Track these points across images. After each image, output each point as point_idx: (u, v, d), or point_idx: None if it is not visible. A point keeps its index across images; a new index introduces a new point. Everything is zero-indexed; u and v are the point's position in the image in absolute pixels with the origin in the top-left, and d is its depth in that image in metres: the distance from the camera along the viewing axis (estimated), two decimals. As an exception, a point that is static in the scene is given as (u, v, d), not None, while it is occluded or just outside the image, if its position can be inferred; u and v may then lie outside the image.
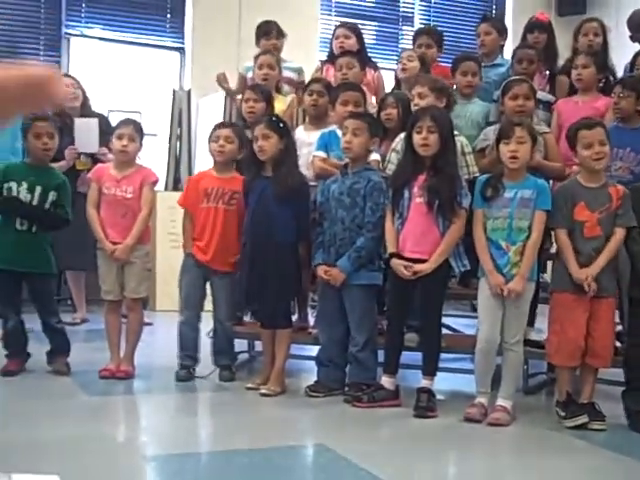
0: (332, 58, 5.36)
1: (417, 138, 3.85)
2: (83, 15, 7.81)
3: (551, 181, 4.40)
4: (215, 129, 4.42)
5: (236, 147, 4.36)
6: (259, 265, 4.10)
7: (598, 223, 3.71)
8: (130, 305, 4.39)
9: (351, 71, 4.90)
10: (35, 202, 4.26)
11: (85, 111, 5.91)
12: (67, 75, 6.12)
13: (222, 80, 5.55)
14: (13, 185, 4.26)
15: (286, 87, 5.49)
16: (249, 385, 4.17)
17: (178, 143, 7.57)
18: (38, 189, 4.27)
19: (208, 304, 4.47)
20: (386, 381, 3.94)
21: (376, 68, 5.54)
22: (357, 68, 4.93)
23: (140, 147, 4.39)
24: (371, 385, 3.97)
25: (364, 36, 5.64)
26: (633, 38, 5.57)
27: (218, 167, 4.42)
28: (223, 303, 4.35)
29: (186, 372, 4.32)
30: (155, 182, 4.44)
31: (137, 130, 4.36)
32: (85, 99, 5.98)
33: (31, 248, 4.28)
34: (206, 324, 4.45)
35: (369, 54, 5.77)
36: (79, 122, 5.67)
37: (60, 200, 4.33)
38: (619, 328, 4.08)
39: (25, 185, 4.26)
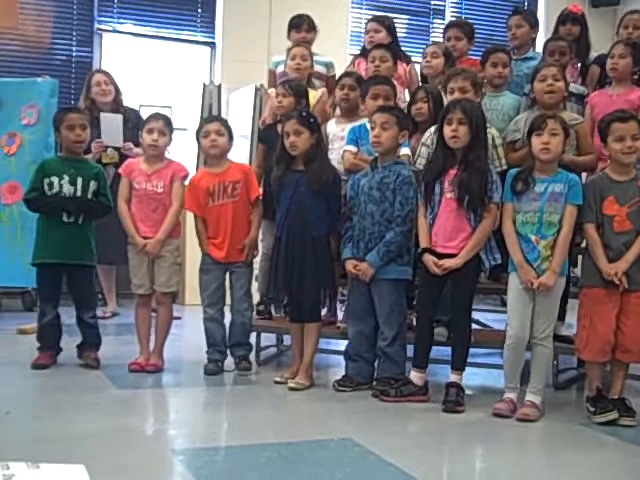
0: (364, 52, 5.35)
1: (447, 130, 3.83)
2: (115, 11, 7.86)
3: (584, 174, 4.37)
4: (204, 124, 4.45)
5: (227, 139, 4.38)
6: (296, 258, 4.11)
7: (627, 217, 3.68)
8: (160, 299, 4.43)
9: (384, 64, 4.87)
10: (79, 193, 4.33)
11: (116, 106, 5.96)
12: (100, 71, 6.17)
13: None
14: (55, 180, 4.33)
15: (316, 81, 5.49)
16: (277, 379, 4.19)
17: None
18: (79, 180, 4.35)
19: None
20: (415, 376, 3.93)
21: (409, 61, 5.51)
22: (390, 61, 4.90)
23: (170, 141, 4.42)
24: (399, 380, 3.96)
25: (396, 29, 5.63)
26: None
27: (212, 162, 4.45)
28: (243, 293, 4.38)
29: (214, 365, 4.35)
30: (186, 176, 4.46)
31: (167, 124, 4.39)
32: (117, 94, 6.03)
33: (78, 240, 4.36)
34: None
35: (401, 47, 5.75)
36: (105, 117, 5.76)
37: (101, 188, 4.41)
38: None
39: (67, 178, 4.33)
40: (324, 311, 4.53)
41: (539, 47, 5.59)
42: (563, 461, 3.19)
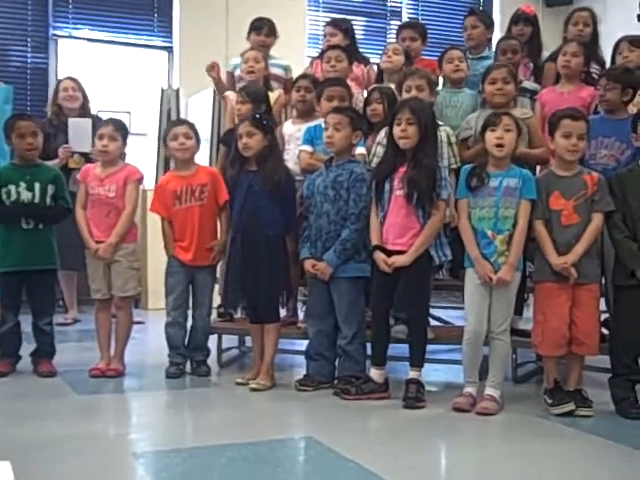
0: (322, 55, 5.37)
1: (397, 130, 3.87)
2: (70, 16, 7.81)
3: (538, 169, 4.43)
4: (171, 127, 4.46)
5: (195, 142, 4.40)
6: (250, 259, 4.11)
7: (574, 211, 3.73)
8: (118, 304, 4.40)
9: (339, 64, 4.91)
10: (37, 199, 4.30)
11: (83, 113, 5.93)
12: (69, 77, 6.12)
13: (210, 69, 5.53)
14: (12, 187, 4.29)
15: (274, 84, 5.50)
16: (239, 380, 4.18)
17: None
18: (37, 185, 4.31)
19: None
20: (374, 373, 3.95)
21: (367, 63, 5.55)
22: (345, 61, 4.94)
23: (124, 145, 4.40)
24: (360, 378, 3.98)
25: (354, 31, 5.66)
26: None
27: (180, 165, 4.45)
28: (206, 298, 4.38)
29: (176, 369, 4.34)
30: (139, 179, 4.43)
31: (118, 129, 4.37)
32: (85, 101, 6.02)
33: (39, 245, 4.32)
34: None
35: (359, 49, 5.79)
36: (73, 122, 5.72)
37: (59, 192, 4.38)
38: (606, 315, 4.09)
39: (23, 185, 4.30)
40: (284, 311, 4.55)
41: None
42: (523, 452, 3.22)
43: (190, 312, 4.45)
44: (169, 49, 8.22)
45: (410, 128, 3.83)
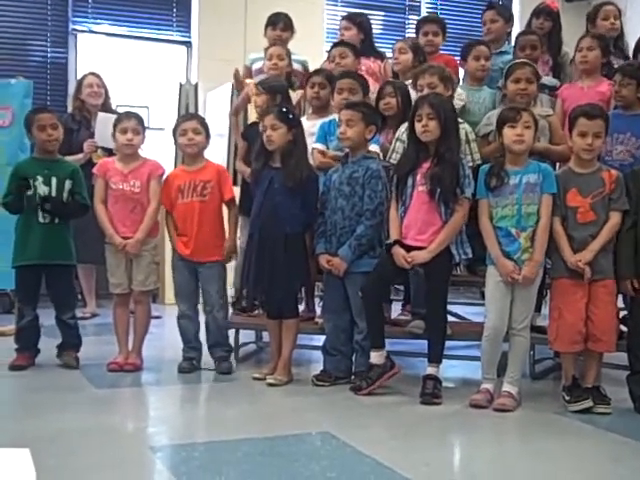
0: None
1: (418, 126, 3.86)
2: (90, 11, 7.84)
3: (557, 166, 4.41)
4: (180, 122, 4.44)
5: (204, 138, 4.38)
6: (268, 255, 4.11)
7: (591, 208, 3.70)
8: (138, 298, 4.42)
9: (344, 60, 4.92)
10: (54, 193, 4.32)
11: (105, 110, 5.96)
12: (93, 73, 6.16)
13: (237, 76, 5.56)
14: (29, 181, 4.30)
15: (296, 80, 5.49)
16: (256, 375, 4.20)
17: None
18: (54, 180, 4.34)
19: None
20: (374, 356, 3.93)
21: (383, 58, 5.53)
22: (350, 57, 4.95)
23: (144, 139, 4.41)
24: (364, 370, 3.99)
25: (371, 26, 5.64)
26: None
27: (188, 160, 4.45)
28: (214, 293, 4.36)
29: (188, 363, 4.34)
30: (162, 174, 4.45)
31: (140, 123, 4.39)
32: (107, 97, 6.06)
33: (55, 240, 4.35)
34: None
35: (376, 44, 5.77)
36: (101, 116, 5.75)
37: (76, 187, 4.40)
38: (625, 312, 4.06)
39: (40, 179, 4.32)
40: (302, 307, 4.55)
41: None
42: (539, 449, 3.21)
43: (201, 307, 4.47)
44: (188, 44, 8.24)
45: (431, 123, 3.81)
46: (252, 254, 4.18)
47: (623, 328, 3.96)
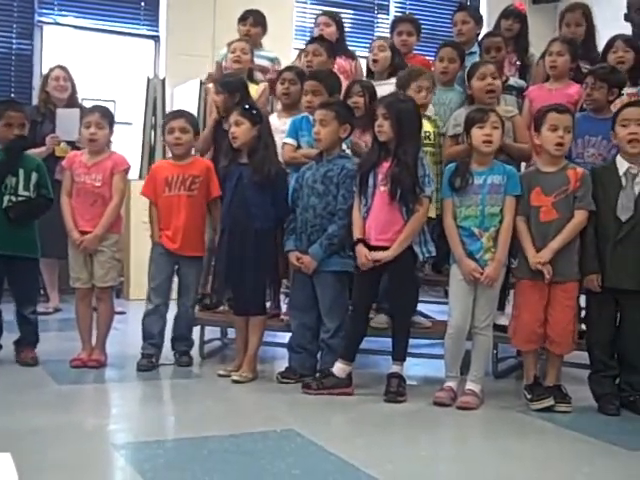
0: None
1: (375, 125, 3.88)
2: (56, 3, 7.72)
3: (523, 167, 4.46)
4: (169, 119, 4.43)
5: (192, 136, 4.38)
6: (237, 252, 4.11)
7: (553, 207, 3.73)
8: (99, 294, 4.37)
9: (317, 58, 4.92)
10: (21, 185, 4.26)
11: (72, 103, 5.91)
12: (59, 66, 6.09)
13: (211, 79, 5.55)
14: None
15: (259, 75, 5.50)
16: (221, 372, 4.19)
17: (152, 132, 7.54)
18: (21, 171, 4.28)
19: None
20: (339, 368, 3.92)
21: (354, 57, 5.55)
22: (324, 56, 4.94)
23: (110, 133, 4.38)
24: (321, 372, 4.00)
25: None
26: (627, 18, 5.59)
27: (175, 157, 4.44)
28: (191, 289, 4.37)
29: (147, 361, 4.31)
30: (126, 170, 4.41)
31: (105, 116, 4.34)
32: (73, 91, 6.00)
33: (20, 231, 4.28)
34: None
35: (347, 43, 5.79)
36: (61, 111, 5.73)
37: (41, 181, 4.34)
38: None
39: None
40: (268, 304, 4.54)
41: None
42: (502, 447, 3.26)
43: (172, 302, 4.44)
44: (156, 38, 8.17)
45: (385, 123, 3.84)
46: (223, 250, 4.18)
47: (584, 327, 4.01)
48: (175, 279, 4.47)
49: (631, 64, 4.68)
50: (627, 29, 5.57)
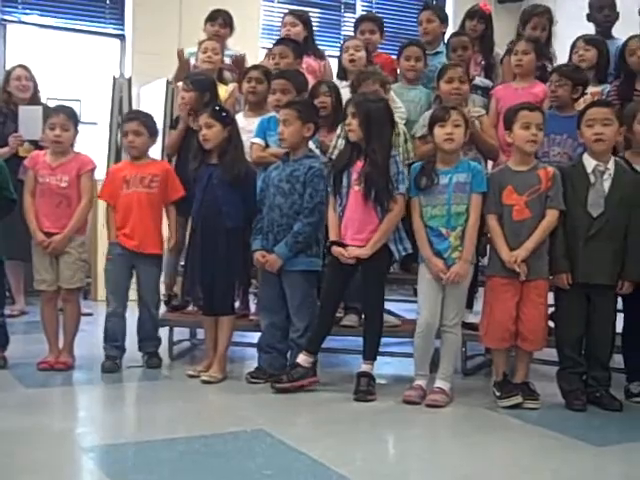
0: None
1: (346, 124, 3.89)
2: (20, 1, 7.65)
3: (490, 166, 4.49)
4: (123, 122, 4.41)
5: (146, 138, 4.34)
6: (209, 251, 4.10)
7: (526, 206, 3.76)
8: (65, 296, 4.32)
9: (284, 60, 4.92)
10: None
11: (34, 102, 5.83)
12: (21, 66, 6.01)
13: (180, 55, 5.50)
14: None
15: (228, 74, 5.48)
16: (190, 372, 4.17)
17: (119, 131, 7.47)
18: None
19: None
20: (303, 359, 3.93)
21: (324, 57, 5.55)
22: (290, 58, 4.94)
23: (75, 134, 4.33)
24: (289, 366, 4.01)
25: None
26: (590, 18, 5.64)
27: (133, 157, 4.42)
28: (152, 288, 4.35)
29: (112, 363, 4.28)
30: (92, 170, 4.37)
31: (70, 117, 4.30)
32: (35, 91, 5.92)
33: None
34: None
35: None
36: (23, 109, 5.63)
37: (3, 182, 4.27)
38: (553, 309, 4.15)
39: None
40: (237, 304, 4.53)
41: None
42: (471, 444, 3.28)
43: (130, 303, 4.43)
44: (121, 37, 8.11)
45: (354, 121, 3.85)
46: (195, 250, 4.17)
47: (552, 324, 4.05)
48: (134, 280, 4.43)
49: (593, 62, 4.74)
50: (591, 29, 5.64)
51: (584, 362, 3.82)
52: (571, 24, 5.65)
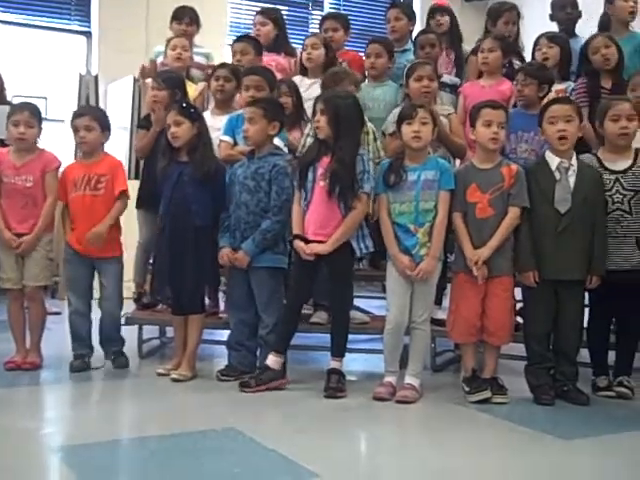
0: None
1: (314, 121, 3.91)
2: (-16, -2, 7.58)
3: (457, 163, 4.52)
4: (72, 118, 4.33)
5: (99, 133, 4.27)
6: (178, 250, 4.08)
7: (489, 204, 3.79)
8: (31, 294, 4.28)
9: (245, 57, 4.93)
10: None
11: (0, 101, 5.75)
12: None
13: (143, 74, 5.46)
14: None
15: (196, 72, 5.46)
16: (160, 371, 4.16)
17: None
18: None
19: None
20: (272, 360, 3.93)
21: (295, 55, 5.55)
22: (251, 54, 4.96)
23: (40, 131, 4.27)
24: (259, 368, 4.01)
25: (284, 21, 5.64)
26: (553, 17, 5.69)
27: (84, 154, 4.38)
28: (112, 288, 4.29)
29: (81, 362, 4.25)
30: (57, 168, 4.32)
31: (34, 114, 4.24)
32: (1, 88, 5.83)
33: None
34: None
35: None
36: None
37: None
38: (521, 305, 4.19)
39: None
40: (207, 301, 4.52)
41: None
42: (441, 439, 3.30)
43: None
44: (87, 34, 8.05)
45: (322, 119, 3.86)
46: (164, 248, 4.15)
47: (520, 320, 4.09)
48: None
49: (557, 60, 4.78)
50: (556, 28, 5.69)
51: (552, 357, 3.86)
52: (536, 23, 5.69)
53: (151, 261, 4.45)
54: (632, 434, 3.39)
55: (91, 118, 4.28)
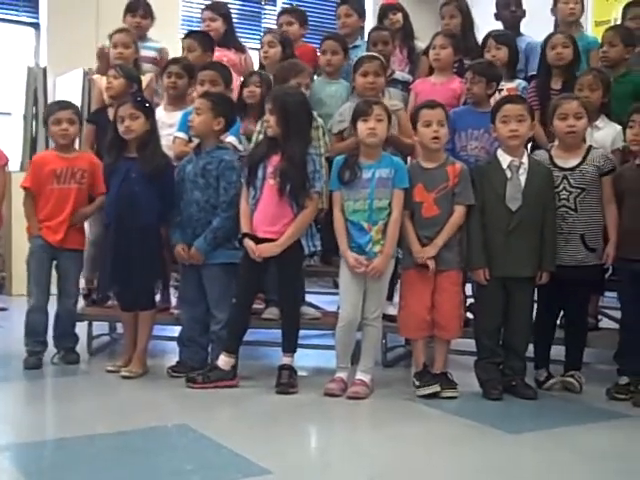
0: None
1: (264, 120, 3.91)
2: None
3: (409, 160, 4.54)
4: (55, 110, 4.31)
5: (78, 128, 4.32)
6: (124, 247, 4.04)
7: (435, 203, 3.82)
8: (-25, 290, 4.23)
9: (192, 54, 4.93)
10: None
11: None
12: None
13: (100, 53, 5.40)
14: None
15: (147, 66, 5.40)
16: (110, 368, 4.13)
17: (34, 122, 7.30)
18: None
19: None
20: (223, 360, 3.91)
21: (244, 51, 5.54)
22: (198, 51, 4.95)
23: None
24: (207, 365, 4.00)
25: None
26: (498, 16, 5.74)
27: (60, 148, 4.33)
28: (71, 284, 4.28)
29: (36, 359, 4.20)
30: (5, 164, 4.27)
31: None
32: None
33: None
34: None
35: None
36: None
37: None
38: (472, 300, 4.24)
39: None
40: (157, 297, 4.49)
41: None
42: (390, 434, 3.32)
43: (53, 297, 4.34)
44: (36, 25, 7.91)
45: (271, 118, 3.85)
46: (110, 246, 4.10)
47: (470, 315, 4.13)
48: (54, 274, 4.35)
49: (505, 60, 4.80)
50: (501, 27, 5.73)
51: (502, 352, 3.91)
52: (487, 20, 5.73)
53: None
54: (579, 428, 3.44)
55: (73, 112, 4.31)
